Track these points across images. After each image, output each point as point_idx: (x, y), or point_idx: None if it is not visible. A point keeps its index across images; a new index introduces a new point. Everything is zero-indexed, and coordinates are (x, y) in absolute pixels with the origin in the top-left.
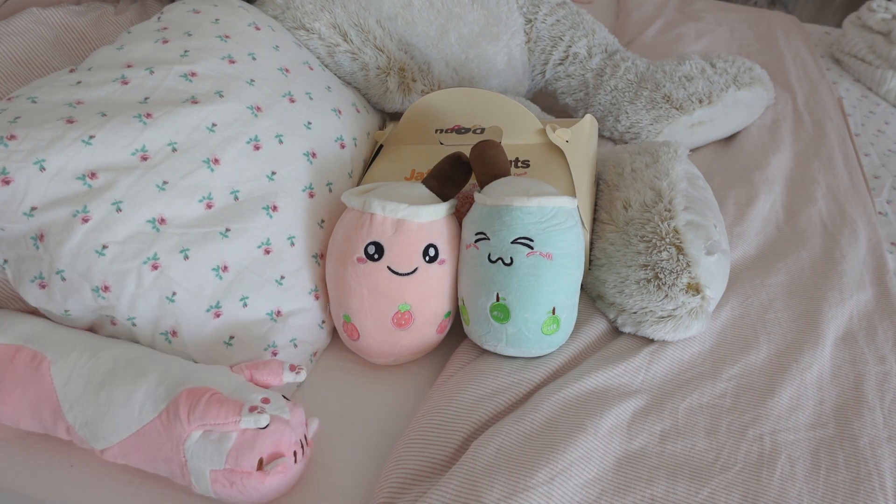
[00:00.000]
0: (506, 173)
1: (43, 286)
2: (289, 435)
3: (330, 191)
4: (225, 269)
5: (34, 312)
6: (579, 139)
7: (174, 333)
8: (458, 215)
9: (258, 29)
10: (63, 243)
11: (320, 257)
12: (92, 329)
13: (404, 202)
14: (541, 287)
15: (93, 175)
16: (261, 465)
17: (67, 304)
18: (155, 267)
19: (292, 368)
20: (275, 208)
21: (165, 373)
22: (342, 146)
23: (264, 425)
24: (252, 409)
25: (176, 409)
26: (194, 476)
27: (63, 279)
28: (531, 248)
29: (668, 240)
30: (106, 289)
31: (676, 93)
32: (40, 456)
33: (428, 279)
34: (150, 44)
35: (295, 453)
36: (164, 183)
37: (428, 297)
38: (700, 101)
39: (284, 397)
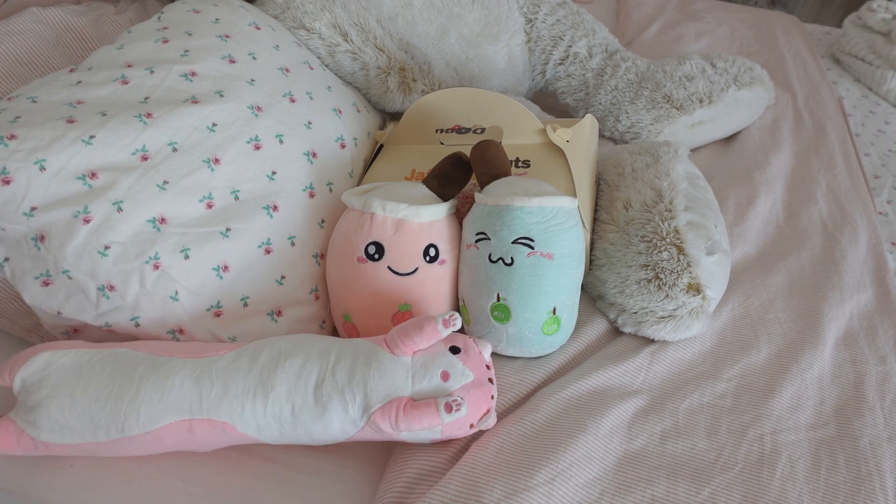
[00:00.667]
0: (506, 173)
1: (47, 284)
2: (481, 392)
3: (330, 191)
4: (225, 268)
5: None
6: (580, 139)
7: (181, 331)
8: (459, 215)
9: (258, 29)
10: (66, 244)
11: (321, 257)
12: (75, 336)
13: (405, 202)
14: (541, 287)
15: (93, 175)
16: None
17: (67, 305)
18: (156, 267)
19: (445, 324)
20: (275, 208)
21: (345, 394)
22: (343, 146)
23: (465, 413)
24: (447, 408)
25: (376, 425)
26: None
27: (69, 278)
28: (532, 248)
29: (668, 240)
30: (111, 288)
31: (677, 93)
32: (40, 456)
33: (428, 279)
34: (150, 43)
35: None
36: (165, 183)
37: (428, 298)
38: (700, 101)
39: (453, 349)
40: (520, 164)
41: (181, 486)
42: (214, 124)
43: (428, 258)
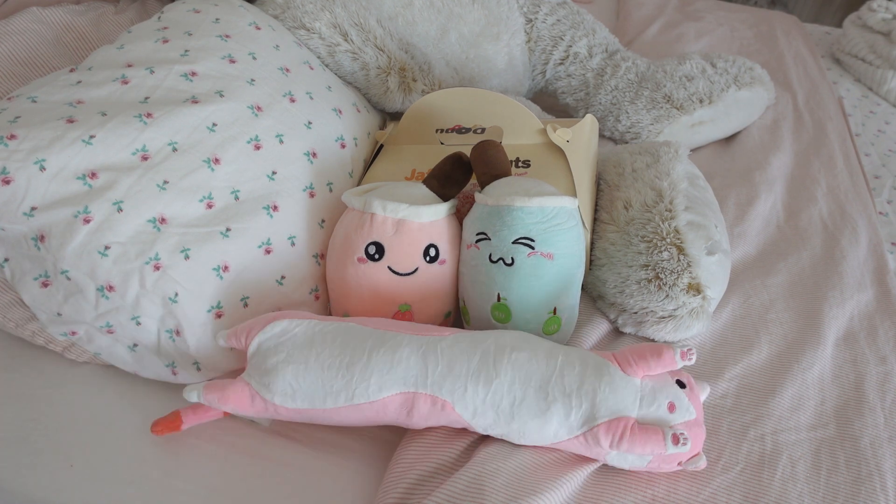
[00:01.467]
0: (506, 173)
1: (46, 285)
2: (699, 431)
3: (330, 191)
4: (226, 268)
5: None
6: (580, 139)
7: (178, 332)
8: (459, 215)
9: (259, 28)
10: (66, 245)
11: (321, 257)
12: (68, 349)
13: (405, 202)
14: (542, 287)
15: (93, 175)
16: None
17: (65, 306)
18: (157, 267)
19: (683, 356)
20: (275, 208)
21: (572, 399)
22: (343, 146)
23: (688, 449)
24: (675, 440)
25: (596, 439)
26: (613, 464)
27: (68, 279)
28: (532, 248)
29: (668, 240)
30: (111, 289)
31: (677, 93)
32: (40, 456)
33: (428, 279)
34: (150, 43)
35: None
36: (165, 183)
37: (428, 298)
38: (700, 101)
39: (679, 383)
40: (520, 163)
41: (181, 486)
42: (214, 124)
43: (428, 258)
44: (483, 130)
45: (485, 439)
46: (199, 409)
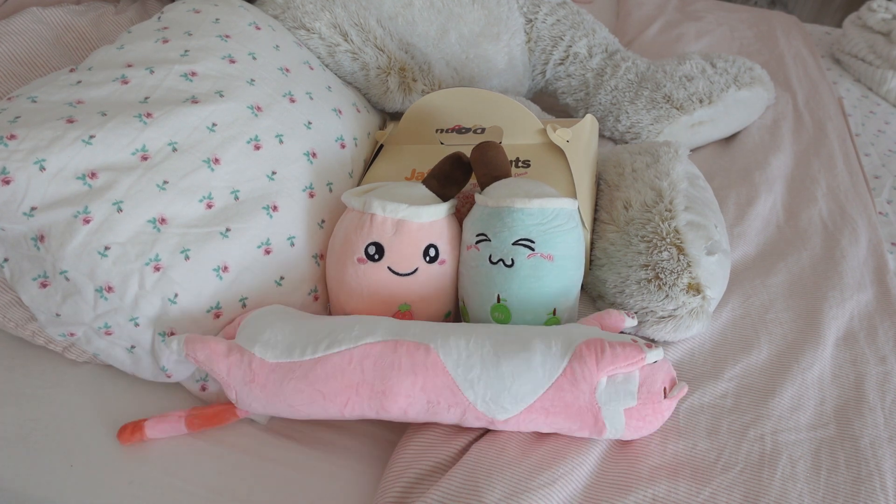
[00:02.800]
0: (506, 174)
1: (44, 285)
2: (669, 366)
3: (330, 191)
4: (225, 269)
5: None
6: (580, 139)
7: (171, 334)
8: (459, 215)
9: (258, 28)
10: (65, 245)
11: (320, 258)
12: (67, 349)
13: (404, 202)
14: (542, 288)
15: (93, 175)
16: (664, 393)
17: (64, 307)
18: (157, 268)
19: (630, 315)
20: (275, 208)
21: (548, 335)
22: (342, 146)
23: (662, 356)
24: (648, 346)
25: (582, 361)
26: (609, 420)
27: (67, 279)
28: (532, 249)
29: (668, 240)
30: (109, 289)
31: (677, 93)
32: (40, 456)
33: (428, 279)
34: (150, 43)
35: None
36: (165, 183)
37: (428, 298)
38: (700, 101)
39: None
40: (520, 164)
41: (181, 485)
42: (214, 124)
43: (428, 258)
44: (483, 130)
45: (479, 436)
46: (165, 417)
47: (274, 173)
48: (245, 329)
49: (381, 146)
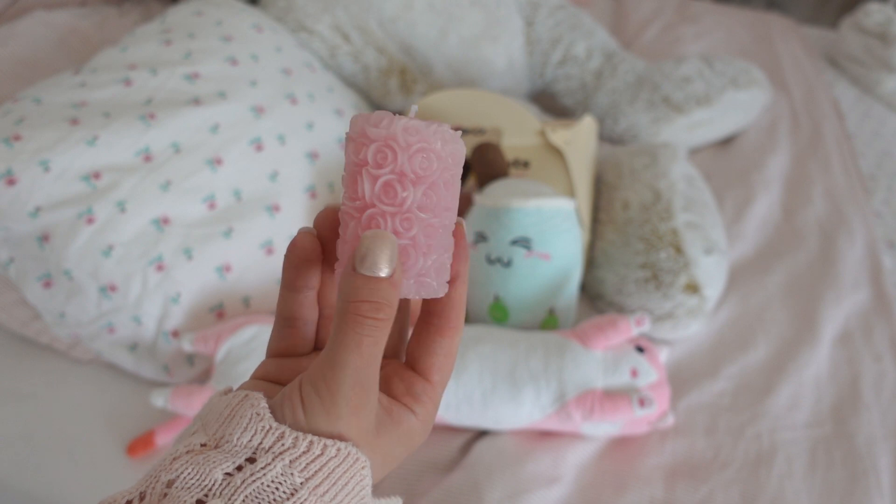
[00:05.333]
0: (505, 175)
1: (48, 285)
2: (663, 392)
3: (332, 191)
4: (227, 269)
5: None
6: (578, 140)
7: (175, 334)
8: (458, 215)
9: (260, 31)
10: (69, 245)
11: None
12: (72, 348)
13: None
14: (539, 288)
15: (97, 175)
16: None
17: (68, 306)
18: (160, 268)
19: (637, 323)
20: (277, 209)
21: (540, 381)
22: (344, 147)
23: (655, 410)
24: (640, 403)
25: (569, 414)
26: (589, 434)
27: (70, 279)
28: (529, 248)
29: (666, 240)
30: (113, 289)
31: (675, 94)
32: (44, 454)
33: None
34: (153, 45)
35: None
36: (168, 183)
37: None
38: (698, 103)
39: (639, 349)
40: (519, 164)
41: None
42: (216, 125)
43: None
44: (482, 131)
45: (479, 436)
46: (173, 423)
47: (276, 174)
48: (225, 368)
49: None
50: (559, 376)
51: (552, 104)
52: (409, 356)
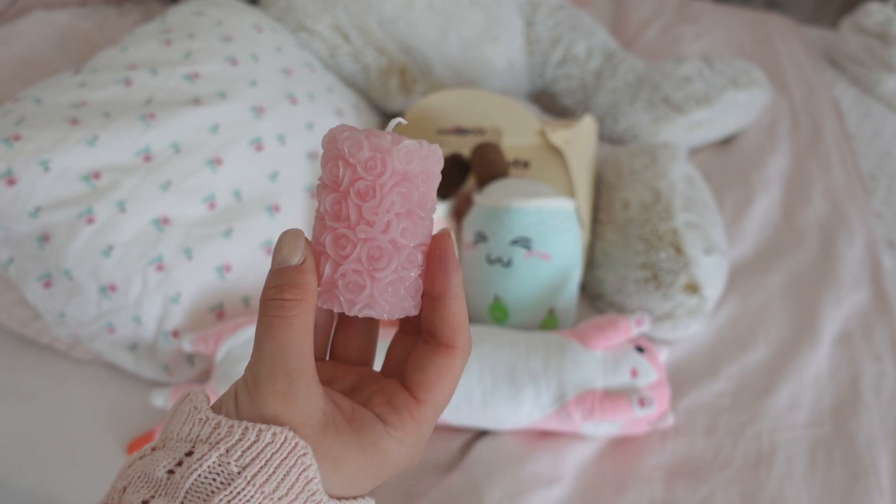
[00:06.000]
0: (505, 175)
1: (48, 285)
2: (663, 392)
3: None
4: (227, 269)
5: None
6: (578, 140)
7: (175, 334)
8: (457, 215)
9: (260, 31)
10: (69, 245)
11: None
12: (72, 348)
13: None
14: (539, 288)
15: (97, 175)
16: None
17: (68, 306)
18: (160, 268)
19: (637, 323)
20: (277, 209)
21: (539, 381)
22: None
23: (655, 410)
24: (640, 403)
25: (569, 414)
26: (589, 433)
27: (71, 279)
28: (529, 248)
29: (666, 240)
30: (113, 289)
31: (675, 94)
32: (44, 454)
33: None
34: (153, 45)
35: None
36: (168, 183)
37: None
38: (698, 103)
39: (638, 348)
40: (519, 164)
41: None
42: (216, 125)
43: None
44: (483, 131)
45: (479, 436)
46: None
47: (276, 174)
48: (225, 369)
49: None
50: (559, 376)
51: (552, 104)
52: (404, 372)
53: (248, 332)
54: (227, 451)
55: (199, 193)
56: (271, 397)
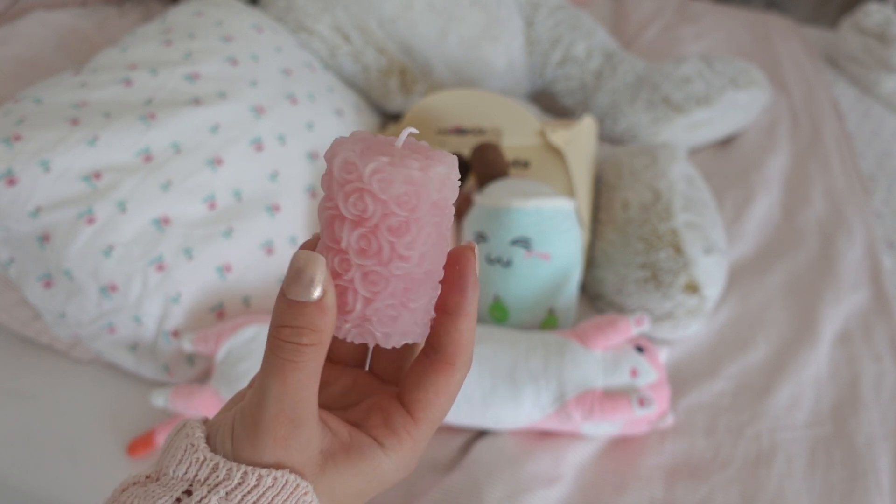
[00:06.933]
0: (505, 175)
1: (49, 285)
2: (663, 392)
3: None
4: (228, 269)
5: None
6: (578, 140)
7: (175, 334)
8: (457, 215)
9: (260, 31)
10: (69, 245)
11: None
12: (72, 348)
13: None
14: (539, 288)
15: (97, 175)
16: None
17: (68, 306)
18: (160, 268)
19: (637, 322)
20: (277, 209)
21: (539, 381)
22: None
23: (654, 410)
24: (641, 404)
25: (568, 414)
26: (589, 433)
27: (71, 279)
28: (529, 248)
29: (666, 240)
30: (113, 289)
31: (674, 94)
32: (45, 454)
33: None
34: (153, 45)
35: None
36: (168, 183)
37: None
38: (698, 103)
39: (638, 348)
40: (519, 164)
41: None
42: (216, 125)
43: None
44: (483, 131)
45: (479, 436)
46: (173, 423)
47: (276, 174)
48: (225, 368)
49: None
50: (559, 376)
51: (552, 104)
52: (401, 387)
53: (249, 332)
54: (227, 494)
55: (199, 193)
56: (272, 443)
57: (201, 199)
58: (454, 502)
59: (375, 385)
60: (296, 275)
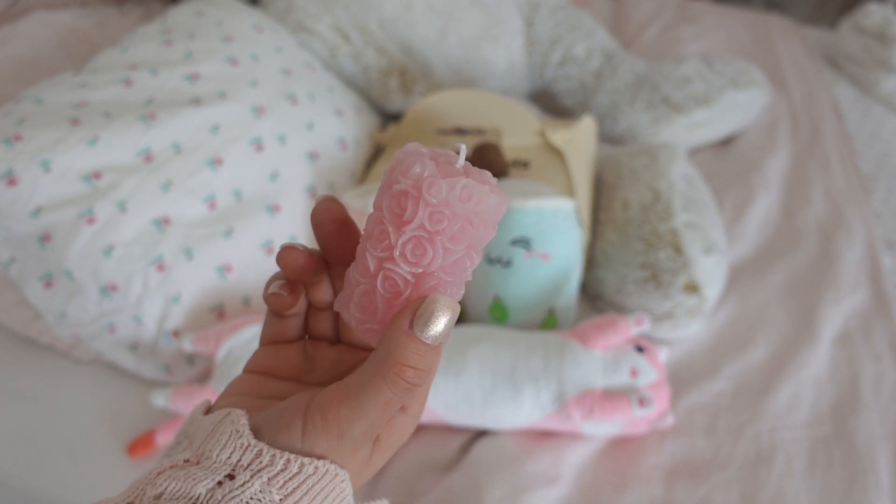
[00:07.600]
0: (504, 175)
1: (49, 285)
2: (663, 392)
3: (332, 191)
4: (228, 269)
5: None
6: (578, 140)
7: (175, 334)
8: None
9: (261, 31)
10: (70, 245)
11: None
12: (73, 348)
13: None
14: (539, 288)
15: (97, 175)
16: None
17: (69, 306)
18: (160, 268)
19: (637, 322)
20: (277, 208)
21: (539, 381)
22: (344, 147)
23: (654, 410)
24: (640, 403)
25: (568, 414)
26: (588, 433)
27: (71, 279)
28: (529, 248)
29: (666, 240)
30: (114, 289)
31: (674, 94)
32: (45, 454)
33: None
34: (153, 46)
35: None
36: (168, 183)
37: None
38: (698, 103)
39: (638, 348)
40: (519, 164)
41: None
42: (217, 125)
43: None
44: (483, 131)
45: (479, 436)
46: (174, 423)
47: (276, 174)
48: (225, 369)
49: (384, 147)
50: (559, 376)
51: (552, 104)
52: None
53: (249, 332)
54: (270, 480)
55: (199, 193)
56: (350, 451)
57: (201, 199)
58: (454, 502)
59: (360, 353)
60: (432, 318)
